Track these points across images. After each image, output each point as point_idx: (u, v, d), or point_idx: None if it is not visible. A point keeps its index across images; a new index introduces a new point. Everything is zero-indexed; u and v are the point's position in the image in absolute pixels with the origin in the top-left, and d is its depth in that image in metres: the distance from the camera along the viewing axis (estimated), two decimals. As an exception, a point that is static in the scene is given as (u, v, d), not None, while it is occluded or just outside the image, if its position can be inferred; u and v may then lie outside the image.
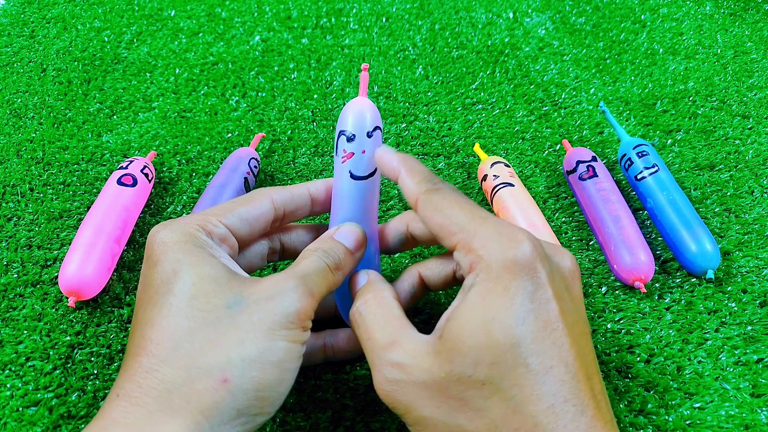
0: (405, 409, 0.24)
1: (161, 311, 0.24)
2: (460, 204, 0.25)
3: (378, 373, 0.24)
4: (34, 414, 0.32)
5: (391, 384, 0.24)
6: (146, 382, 0.22)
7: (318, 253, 0.27)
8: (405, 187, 0.27)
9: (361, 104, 0.28)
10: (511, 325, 0.22)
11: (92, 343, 0.35)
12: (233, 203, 0.29)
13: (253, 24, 0.64)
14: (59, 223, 0.42)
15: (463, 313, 0.23)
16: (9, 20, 0.63)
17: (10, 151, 0.48)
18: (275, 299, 0.24)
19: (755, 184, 0.45)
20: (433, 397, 0.23)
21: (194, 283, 0.24)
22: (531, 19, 0.65)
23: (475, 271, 0.24)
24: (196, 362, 0.22)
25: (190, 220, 0.27)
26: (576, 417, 0.22)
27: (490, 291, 0.23)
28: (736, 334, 0.36)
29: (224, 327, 0.23)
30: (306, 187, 0.31)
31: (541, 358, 0.22)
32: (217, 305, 0.24)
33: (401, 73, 0.57)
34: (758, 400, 0.33)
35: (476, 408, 0.22)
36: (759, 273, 0.39)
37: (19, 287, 0.38)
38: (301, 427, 0.32)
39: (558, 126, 0.51)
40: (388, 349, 0.24)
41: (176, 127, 0.51)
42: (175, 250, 0.25)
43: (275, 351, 0.23)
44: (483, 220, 0.24)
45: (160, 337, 0.23)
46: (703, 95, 0.54)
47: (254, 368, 0.23)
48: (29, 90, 0.55)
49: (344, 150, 0.28)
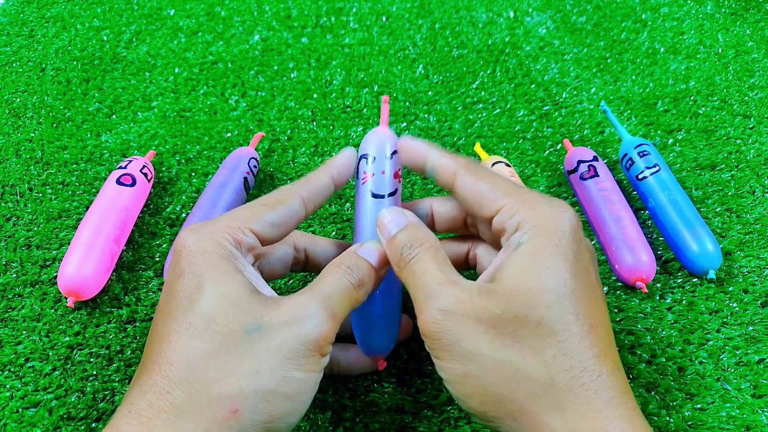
0: (455, 340, 0.23)
1: (179, 329, 0.23)
2: (499, 176, 0.27)
3: (431, 306, 0.24)
4: (34, 415, 0.32)
5: (446, 315, 0.24)
6: (158, 403, 0.22)
7: (342, 270, 0.26)
8: (440, 164, 0.28)
9: (381, 132, 0.30)
10: (566, 277, 0.24)
11: (91, 343, 0.35)
12: (263, 206, 0.27)
13: (252, 23, 0.64)
14: (58, 222, 0.42)
15: (516, 262, 0.24)
16: (8, 19, 0.63)
17: (9, 151, 0.48)
18: (295, 325, 0.24)
19: (757, 184, 0.45)
20: (487, 332, 0.23)
21: (214, 303, 0.24)
22: (532, 18, 0.65)
23: (522, 229, 0.25)
24: (209, 389, 0.22)
25: (220, 227, 0.26)
26: (615, 371, 0.23)
27: (543, 245, 0.24)
28: (738, 335, 0.36)
29: (240, 354, 0.23)
30: (329, 175, 0.29)
31: (587, 313, 0.23)
32: (235, 329, 0.23)
33: (401, 72, 0.57)
34: (759, 401, 0.32)
35: (530, 346, 0.23)
36: (760, 273, 0.39)
37: (18, 287, 0.38)
38: (301, 427, 0.31)
39: (559, 125, 0.51)
40: (445, 284, 0.24)
41: (175, 126, 0.51)
42: (200, 263, 0.25)
43: (290, 382, 0.23)
44: (526, 189, 0.27)
45: (175, 357, 0.23)
46: (704, 95, 0.54)
47: (266, 400, 0.23)
48: (28, 89, 0.54)
49: (365, 172, 0.30)
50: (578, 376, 0.22)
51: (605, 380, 0.23)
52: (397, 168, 0.30)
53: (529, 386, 0.23)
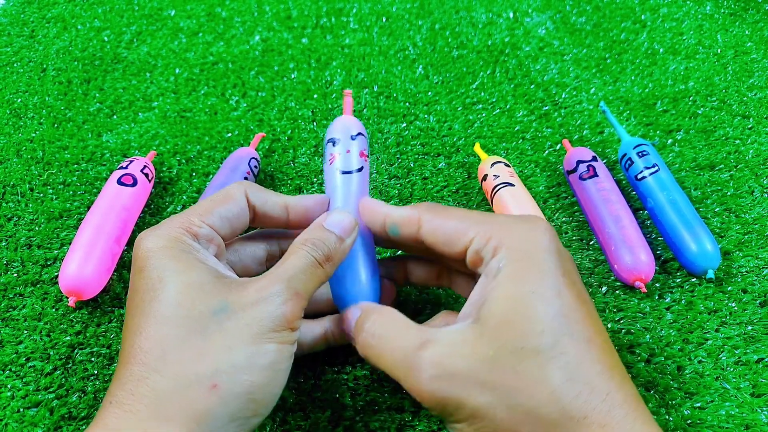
0: (457, 404, 0.23)
1: (149, 319, 0.24)
2: (462, 210, 0.28)
3: (416, 377, 0.23)
4: (35, 415, 0.32)
5: (437, 381, 0.23)
6: (138, 390, 0.22)
7: (306, 248, 0.26)
8: (399, 215, 0.28)
9: (344, 119, 0.33)
10: (551, 297, 0.23)
11: (92, 343, 0.35)
12: (211, 202, 0.28)
13: (253, 24, 0.64)
14: (59, 222, 0.42)
15: (499, 293, 0.24)
16: (9, 20, 0.63)
17: (10, 151, 0.48)
18: (260, 305, 0.24)
19: (755, 184, 0.45)
20: (486, 382, 0.22)
21: (179, 290, 0.24)
22: (531, 18, 0.65)
23: (498, 255, 0.25)
24: (185, 370, 0.22)
25: (173, 224, 0.27)
26: (623, 384, 0.23)
27: (521, 269, 0.24)
28: (737, 334, 0.36)
29: (211, 334, 0.23)
30: (284, 199, 0.30)
31: (581, 329, 0.23)
32: (203, 312, 0.24)
33: (401, 72, 0.57)
34: (758, 400, 0.33)
35: (534, 379, 0.22)
36: (759, 273, 0.39)
37: (19, 287, 0.38)
38: (300, 426, 0.32)
39: (558, 126, 0.51)
40: (421, 349, 0.24)
41: (176, 126, 0.51)
42: (160, 257, 0.25)
43: (264, 354, 0.23)
44: (493, 215, 0.27)
45: (148, 345, 0.23)
46: (703, 95, 0.54)
47: (244, 373, 0.23)
48: (29, 90, 0.54)
49: (332, 154, 0.32)
50: (588, 400, 0.22)
51: (615, 397, 0.22)
52: (362, 148, 0.32)
53: (543, 425, 0.22)
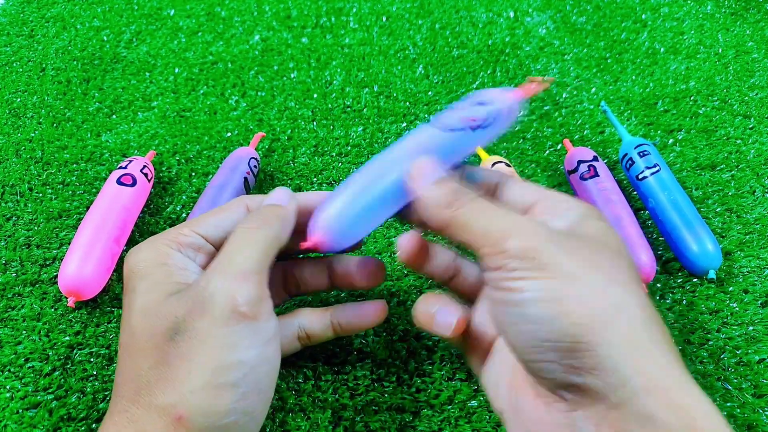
0: (557, 259, 0.22)
1: (121, 350, 0.25)
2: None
3: (520, 227, 0.23)
4: (34, 416, 0.32)
5: (541, 234, 0.22)
6: (121, 422, 0.23)
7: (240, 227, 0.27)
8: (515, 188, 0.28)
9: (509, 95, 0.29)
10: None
11: (92, 343, 0.35)
12: (209, 213, 0.29)
13: (252, 23, 0.64)
14: (58, 222, 0.42)
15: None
16: (8, 20, 0.63)
17: (9, 151, 0.48)
18: (207, 307, 0.23)
19: (757, 184, 0.45)
20: (589, 257, 0.22)
21: (137, 319, 0.24)
22: (532, 18, 0.65)
23: None
24: (155, 401, 0.22)
25: (164, 235, 0.27)
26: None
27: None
28: (738, 335, 0.36)
29: (171, 361, 0.23)
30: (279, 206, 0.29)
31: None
32: (158, 341, 0.23)
33: (401, 72, 0.57)
34: (760, 401, 0.32)
35: (627, 280, 0.22)
36: (760, 273, 0.39)
37: (18, 287, 0.38)
38: (300, 426, 0.31)
39: (559, 125, 0.51)
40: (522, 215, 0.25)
41: (175, 126, 0.51)
42: (134, 277, 0.25)
43: (229, 369, 0.23)
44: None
45: (122, 379, 0.24)
46: (704, 95, 0.54)
47: (207, 398, 0.22)
48: (28, 89, 0.54)
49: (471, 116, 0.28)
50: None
51: None
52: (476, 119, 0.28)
53: (631, 319, 0.21)
